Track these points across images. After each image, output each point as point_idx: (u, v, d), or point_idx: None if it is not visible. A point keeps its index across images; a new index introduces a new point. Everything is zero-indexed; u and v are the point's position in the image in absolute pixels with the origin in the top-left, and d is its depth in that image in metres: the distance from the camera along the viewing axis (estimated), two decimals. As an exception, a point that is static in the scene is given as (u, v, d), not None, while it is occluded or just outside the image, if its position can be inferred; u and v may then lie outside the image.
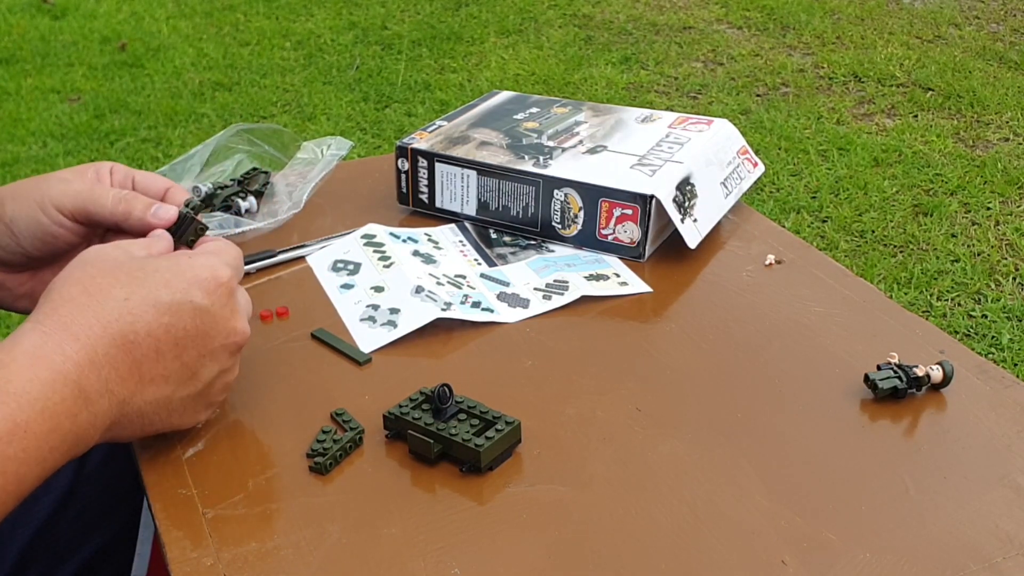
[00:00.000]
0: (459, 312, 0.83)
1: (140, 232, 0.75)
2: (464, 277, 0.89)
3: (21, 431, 0.56)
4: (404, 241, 0.95)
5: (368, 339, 0.81)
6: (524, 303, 0.86)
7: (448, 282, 0.88)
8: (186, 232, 0.76)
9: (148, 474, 0.67)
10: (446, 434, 0.67)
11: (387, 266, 0.90)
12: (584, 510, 0.63)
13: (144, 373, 0.62)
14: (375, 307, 0.84)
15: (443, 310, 0.82)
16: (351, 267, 0.91)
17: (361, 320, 0.83)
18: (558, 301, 0.86)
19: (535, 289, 0.87)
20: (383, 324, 0.82)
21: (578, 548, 0.61)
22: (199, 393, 0.66)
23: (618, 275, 0.90)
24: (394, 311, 0.83)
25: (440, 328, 0.82)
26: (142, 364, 0.62)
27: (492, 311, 0.84)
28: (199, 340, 0.64)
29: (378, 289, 0.87)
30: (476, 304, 0.85)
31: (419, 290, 0.85)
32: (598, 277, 0.89)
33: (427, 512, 0.63)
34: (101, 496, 0.87)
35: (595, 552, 0.60)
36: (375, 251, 0.92)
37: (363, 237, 0.95)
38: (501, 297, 0.86)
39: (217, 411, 0.71)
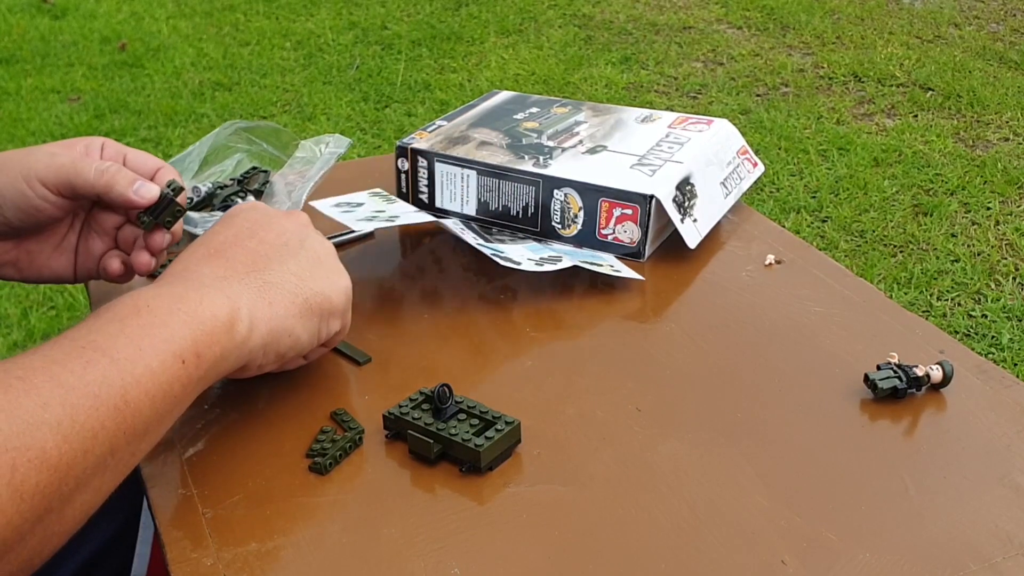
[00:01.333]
0: (462, 232, 0.85)
1: (122, 206, 0.76)
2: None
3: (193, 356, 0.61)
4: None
5: (364, 225, 0.85)
6: (517, 263, 0.86)
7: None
8: (163, 212, 0.76)
9: (148, 474, 0.67)
10: (446, 434, 0.67)
11: (390, 203, 0.92)
12: (584, 510, 0.63)
13: (244, 260, 0.68)
14: (379, 212, 0.88)
15: (452, 225, 0.85)
16: (353, 204, 0.92)
17: (359, 220, 0.86)
18: (550, 268, 0.86)
19: (528, 259, 0.88)
20: (383, 219, 0.86)
21: (578, 548, 0.61)
22: (310, 258, 0.71)
23: (612, 265, 0.90)
24: (393, 217, 0.87)
25: (440, 328, 0.82)
26: (236, 257, 0.68)
27: (500, 252, 0.86)
28: (264, 223, 0.72)
29: (379, 211, 0.89)
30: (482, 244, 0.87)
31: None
32: (592, 263, 0.89)
33: (427, 512, 0.63)
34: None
35: (595, 552, 0.60)
36: (383, 199, 0.93)
37: (370, 191, 0.96)
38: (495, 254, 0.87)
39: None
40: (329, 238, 0.94)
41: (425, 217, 0.87)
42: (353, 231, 0.97)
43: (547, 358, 0.79)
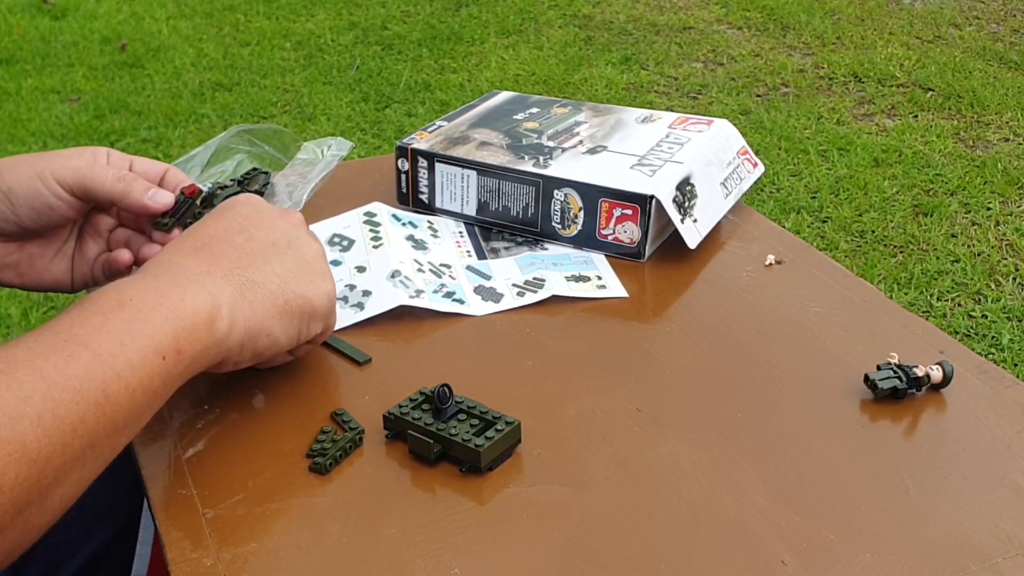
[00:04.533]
0: (427, 301, 0.84)
1: (137, 213, 0.77)
2: (449, 267, 0.90)
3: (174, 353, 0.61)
4: (404, 224, 0.95)
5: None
6: (497, 298, 0.86)
7: (430, 270, 0.88)
8: (184, 215, 0.78)
9: (148, 474, 0.67)
10: (446, 434, 0.67)
11: (376, 247, 0.91)
12: (584, 510, 0.63)
13: (229, 256, 0.68)
14: (351, 287, 0.86)
15: (411, 297, 0.83)
16: (345, 243, 0.92)
17: (336, 299, 0.85)
18: (530, 299, 0.86)
19: (512, 285, 0.88)
20: (352, 306, 0.84)
21: (578, 548, 0.61)
22: (296, 259, 0.70)
23: (600, 278, 0.90)
24: (366, 293, 0.85)
25: (441, 328, 0.82)
26: (222, 253, 0.68)
27: (463, 302, 0.85)
28: (255, 220, 0.71)
29: (360, 269, 0.88)
30: (450, 294, 0.86)
31: (395, 274, 0.86)
32: (579, 279, 0.89)
33: (427, 512, 0.63)
34: (101, 496, 0.87)
35: (595, 552, 0.60)
36: (371, 230, 0.93)
37: (365, 214, 0.96)
38: (477, 290, 0.87)
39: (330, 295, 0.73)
40: None
41: (394, 302, 0.83)
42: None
43: (547, 358, 0.79)
